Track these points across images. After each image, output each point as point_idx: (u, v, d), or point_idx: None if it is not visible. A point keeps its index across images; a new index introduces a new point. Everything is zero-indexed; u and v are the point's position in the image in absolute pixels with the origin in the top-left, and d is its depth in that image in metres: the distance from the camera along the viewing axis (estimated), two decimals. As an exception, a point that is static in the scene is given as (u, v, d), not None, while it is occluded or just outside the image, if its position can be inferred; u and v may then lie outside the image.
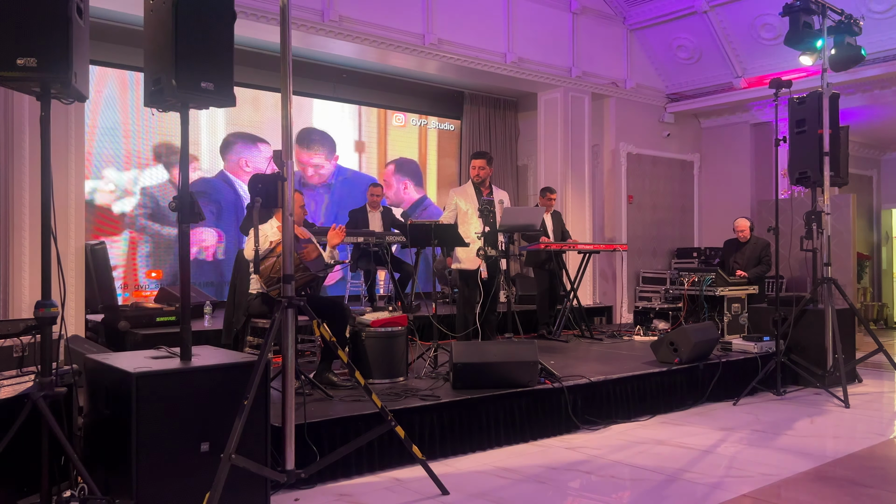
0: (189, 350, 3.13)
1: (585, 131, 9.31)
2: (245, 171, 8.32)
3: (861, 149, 11.46)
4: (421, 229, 5.34)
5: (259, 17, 6.66)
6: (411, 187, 9.88)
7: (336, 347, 3.43)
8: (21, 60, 2.67)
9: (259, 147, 8.48)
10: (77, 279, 5.72)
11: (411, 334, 5.40)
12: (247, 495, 3.05)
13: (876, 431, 4.70)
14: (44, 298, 2.81)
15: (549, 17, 8.91)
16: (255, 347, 4.54)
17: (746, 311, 7.02)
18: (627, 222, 9.73)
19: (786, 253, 6.27)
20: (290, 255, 3.18)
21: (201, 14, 3.06)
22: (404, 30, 7.67)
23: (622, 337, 7.32)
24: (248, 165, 8.36)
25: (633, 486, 3.60)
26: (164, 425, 2.88)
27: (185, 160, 3.24)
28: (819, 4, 5.75)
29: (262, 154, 8.47)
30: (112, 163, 7.54)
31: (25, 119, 5.44)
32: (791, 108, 6.07)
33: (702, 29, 9.11)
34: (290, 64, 3.15)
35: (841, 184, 6.21)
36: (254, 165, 8.39)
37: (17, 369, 3.57)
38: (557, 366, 5.12)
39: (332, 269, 4.74)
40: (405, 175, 9.82)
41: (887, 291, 11.87)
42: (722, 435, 4.55)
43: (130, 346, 5.39)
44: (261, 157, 8.45)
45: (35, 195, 5.34)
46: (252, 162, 8.41)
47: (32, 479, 3.00)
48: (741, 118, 10.01)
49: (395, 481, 3.62)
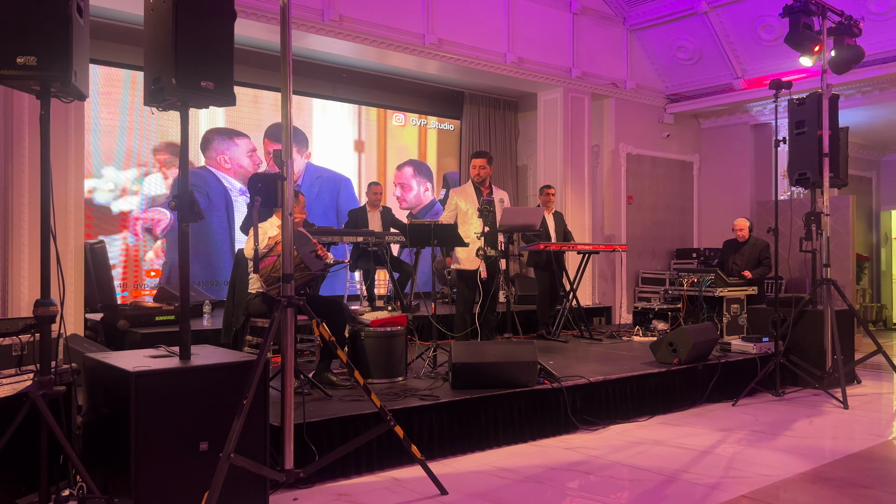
0: (188, 349, 3.13)
1: (585, 132, 9.31)
2: (225, 167, 8.23)
3: (860, 150, 11.47)
4: (420, 229, 5.34)
5: (259, 17, 6.67)
6: (430, 188, 9.90)
7: (335, 347, 3.43)
8: (21, 59, 2.67)
9: (236, 141, 8.37)
10: (76, 278, 5.72)
11: (410, 334, 5.40)
12: (245, 495, 3.05)
13: (875, 432, 4.71)
14: (43, 297, 2.81)
15: (549, 17, 8.91)
16: (255, 347, 4.54)
17: (745, 312, 7.03)
18: (627, 223, 9.73)
19: (785, 254, 6.27)
20: (289, 255, 3.18)
21: (201, 13, 3.06)
22: (404, 30, 7.67)
23: (621, 337, 7.32)
24: (227, 162, 8.26)
25: (632, 487, 3.60)
26: (163, 424, 2.88)
27: (185, 160, 3.24)
28: (819, 6, 5.75)
29: (241, 149, 8.37)
30: (112, 162, 7.53)
31: (25, 118, 5.44)
32: (791, 109, 6.07)
33: (702, 30, 9.11)
34: (290, 63, 3.15)
35: (840, 185, 6.22)
36: (234, 161, 8.30)
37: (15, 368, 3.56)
38: (556, 366, 5.12)
39: (332, 269, 4.74)
40: (425, 177, 9.83)
41: (886, 293, 11.88)
42: (721, 436, 4.55)
43: (129, 345, 5.39)
44: (239, 151, 8.36)
45: (34, 194, 5.34)
46: (233, 158, 8.31)
47: (31, 478, 3.00)
48: (741, 119, 10.01)
49: (393, 481, 3.62)
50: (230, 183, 8.29)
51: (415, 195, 9.70)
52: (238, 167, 8.36)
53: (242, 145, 8.41)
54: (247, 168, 8.43)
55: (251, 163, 8.46)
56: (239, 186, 8.35)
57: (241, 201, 8.28)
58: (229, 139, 8.35)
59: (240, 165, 8.37)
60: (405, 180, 9.54)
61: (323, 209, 8.96)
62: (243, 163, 8.40)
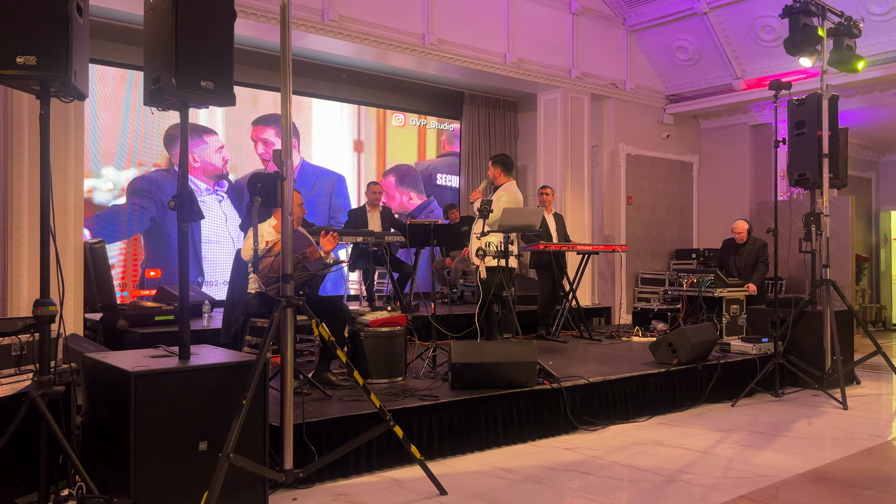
0: (188, 349, 3.13)
1: (585, 132, 9.31)
2: (194, 165, 7.95)
3: (860, 151, 11.47)
4: (420, 229, 5.33)
5: (259, 17, 6.66)
6: (415, 196, 9.89)
7: (335, 347, 3.43)
8: (21, 59, 2.67)
9: (205, 139, 8.15)
10: (76, 278, 5.71)
11: (410, 334, 5.39)
12: (245, 494, 3.05)
13: (874, 433, 4.71)
14: (42, 297, 2.81)
15: (548, 17, 8.91)
16: (254, 347, 4.54)
17: (745, 313, 7.03)
18: (626, 223, 9.73)
19: (785, 254, 6.27)
20: (288, 255, 3.17)
21: (201, 13, 3.06)
22: (404, 30, 7.67)
23: (621, 338, 7.32)
24: (196, 161, 7.99)
25: (632, 487, 3.61)
26: (163, 424, 2.88)
27: (185, 159, 3.24)
28: (819, 6, 5.75)
29: (210, 146, 8.15)
30: (111, 162, 7.53)
31: (25, 117, 5.43)
32: (790, 109, 6.07)
33: (701, 30, 9.11)
34: (289, 63, 3.15)
35: (840, 186, 6.22)
36: (203, 159, 8.08)
37: (15, 368, 3.56)
38: (556, 366, 5.11)
39: (332, 269, 4.74)
40: (407, 186, 9.81)
41: (886, 293, 11.88)
42: (720, 436, 4.55)
43: (129, 344, 5.38)
44: (209, 149, 8.13)
45: (34, 193, 5.34)
46: (201, 156, 8.07)
47: (30, 478, 3.00)
48: (740, 120, 10.02)
49: (393, 481, 3.62)
50: (195, 185, 7.96)
51: (398, 204, 9.69)
52: (207, 165, 8.11)
53: (212, 143, 8.18)
54: (217, 166, 8.17)
55: (222, 161, 8.21)
56: (204, 187, 8.07)
57: (210, 201, 8.05)
58: (198, 136, 8.07)
59: (209, 163, 8.12)
60: (388, 190, 9.53)
61: (317, 206, 8.97)
62: (214, 160, 8.14)
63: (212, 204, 8.11)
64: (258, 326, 4.59)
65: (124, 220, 7.63)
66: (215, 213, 8.17)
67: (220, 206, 8.20)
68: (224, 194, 8.27)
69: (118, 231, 7.59)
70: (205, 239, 8.05)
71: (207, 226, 8.09)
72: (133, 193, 7.68)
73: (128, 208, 7.66)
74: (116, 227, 7.58)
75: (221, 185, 8.25)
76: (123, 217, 7.63)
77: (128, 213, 7.65)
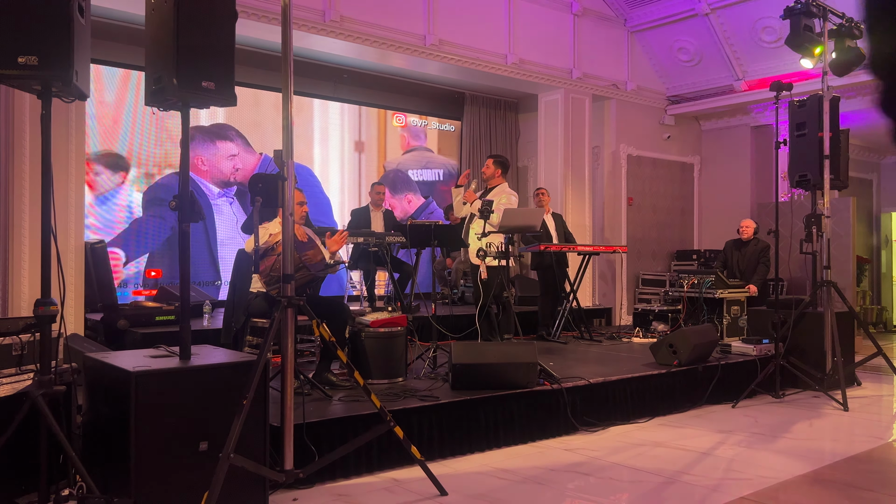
0: (188, 349, 3.13)
1: (586, 133, 9.31)
2: (201, 168, 7.95)
3: (861, 152, 11.47)
4: (421, 230, 5.33)
5: (260, 17, 6.67)
6: (413, 197, 9.87)
7: (335, 347, 3.43)
8: (22, 58, 2.67)
9: (217, 144, 8.14)
10: (77, 277, 5.72)
11: (410, 335, 5.40)
12: (245, 495, 3.05)
13: (874, 435, 4.70)
14: (43, 297, 2.81)
15: (550, 18, 8.91)
16: (255, 347, 4.54)
17: (746, 314, 7.03)
18: (627, 224, 9.73)
19: (785, 256, 6.27)
20: (289, 255, 3.17)
21: (203, 13, 3.06)
22: (405, 30, 7.67)
23: (621, 339, 7.32)
24: (204, 164, 8.00)
25: (632, 488, 3.60)
26: (163, 424, 2.88)
27: (186, 160, 3.23)
28: (820, 7, 5.75)
29: (220, 151, 8.14)
30: (111, 161, 7.53)
31: (26, 117, 5.44)
32: (791, 110, 6.07)
33: (702, 31, 9.11)
34: (290, 64, 3.15)
35: (841, 187, 6.22)
36: (212, 164, 8.06)
37: (16, 367, 3.56)
38: (556, 367, 5.11)
39: (333, 269, 4.74)
40: (402, 191, 9.79)
41: (886, 295, 11.87)
42: (720, 437, 4.55)
43: (130, 344, 5.39)
44: (219, 153, 8.13)
45: (35, 193, 5.34)
46: (210, 160, 8.06)
47: (31, 478, 3.00)
48: (741, 121, 10.02)
49: (393, 482, 3.61)
50: (207, 188, 7.99)
51: (400, 211, 9.64)
52: (216, 171, 8.09)
53: (223, 148, 8.16)
54: (225, 173, 8.14)
55: (231, 167, 8.18)
56: (217, 191, 8.06)
57: (221, 204, 8.04)
58: (209, 141, 8.08)
59: (218, 170, 8.11)
60: (386, 201, 9.51)
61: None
62: (222, 167, 8.12)
63: (224, 208, 8.13)
64: (259, 326, 4.59)
65: (149, 233, 7.66)
66: (227, 215, 8.20)
67: (230, 207, 8.22)
68: (234, 197, 8.28)
69: (143, 245, 7.64)
70: (220, 241, 8.08)
71: (222, 228, 8.13)
72: (149, 204, 7.68)
73: (146, 220, 7.68)
74: (142, 240, 7.63)
75: (231, 189, 8.26)
76: (146, 229, 7.66)
77: (146, 226, 7.67)
